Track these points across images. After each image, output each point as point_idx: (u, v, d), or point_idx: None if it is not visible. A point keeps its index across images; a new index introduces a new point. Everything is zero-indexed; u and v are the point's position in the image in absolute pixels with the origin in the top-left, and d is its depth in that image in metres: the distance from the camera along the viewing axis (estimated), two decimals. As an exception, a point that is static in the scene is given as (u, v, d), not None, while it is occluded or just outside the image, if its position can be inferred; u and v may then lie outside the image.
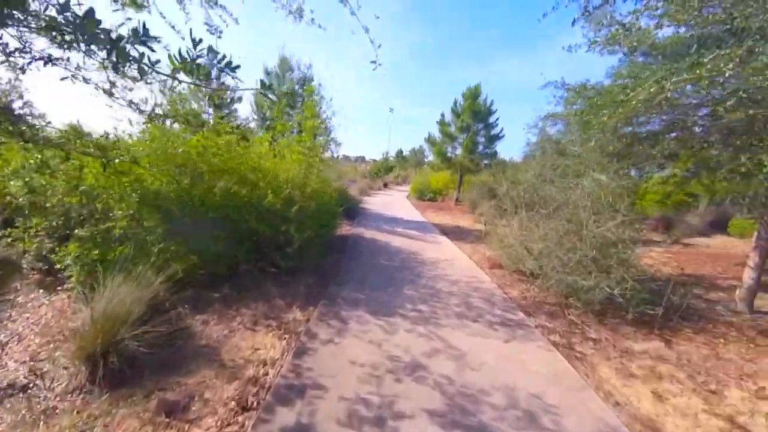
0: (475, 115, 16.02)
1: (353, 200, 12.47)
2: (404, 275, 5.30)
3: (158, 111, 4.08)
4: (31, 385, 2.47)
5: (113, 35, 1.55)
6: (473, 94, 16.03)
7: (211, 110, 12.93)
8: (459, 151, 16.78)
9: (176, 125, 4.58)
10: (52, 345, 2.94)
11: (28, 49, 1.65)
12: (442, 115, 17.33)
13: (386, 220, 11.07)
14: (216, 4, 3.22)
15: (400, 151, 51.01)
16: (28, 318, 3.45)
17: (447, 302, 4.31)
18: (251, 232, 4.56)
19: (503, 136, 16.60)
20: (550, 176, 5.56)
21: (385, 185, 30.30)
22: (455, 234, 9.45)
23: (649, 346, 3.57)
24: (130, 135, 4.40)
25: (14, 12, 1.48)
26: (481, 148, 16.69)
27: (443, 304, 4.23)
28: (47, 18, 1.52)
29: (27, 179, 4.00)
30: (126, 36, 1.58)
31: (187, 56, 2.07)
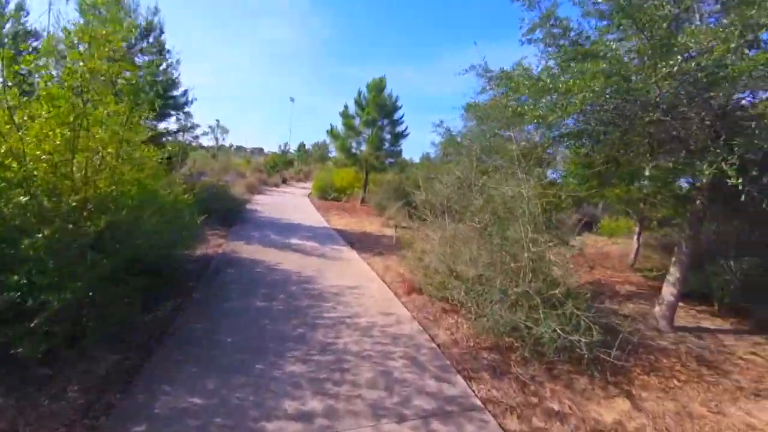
0: (380, 109, 14.95)
1: (234, 201, 9.79)
2: (289, 329, 3.49)
3: None
4: None
5: None
6: (378, 86, 14.91)
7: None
8: (364, 147, 15.50)
9: None
10: None
11: None
12: (346, 107, 15.73)
13: (279, 228, 8.86)
14: None
15: (303, 144, 47.59)
16: None
17: (355, 379, 2.73)
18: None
19: (408, 134, 16.05)
20: (475, 181, 4.55)
21: (284, 181, 27.13)
22: (363, 244, 8.01)
23: (616, 409, 2.73)
24: None
25: None
26: (387, 145, 15.78)
27: (349, 386, 2.63)
28: None
29: None
30: None
31: None
